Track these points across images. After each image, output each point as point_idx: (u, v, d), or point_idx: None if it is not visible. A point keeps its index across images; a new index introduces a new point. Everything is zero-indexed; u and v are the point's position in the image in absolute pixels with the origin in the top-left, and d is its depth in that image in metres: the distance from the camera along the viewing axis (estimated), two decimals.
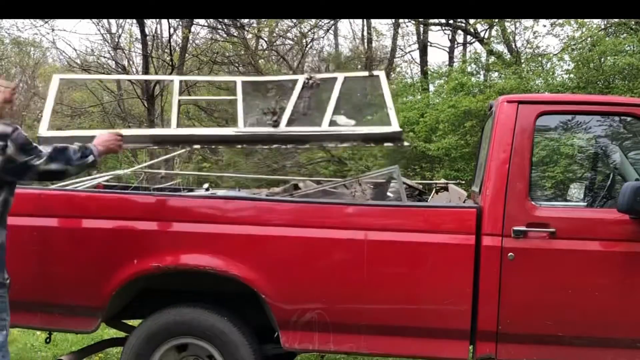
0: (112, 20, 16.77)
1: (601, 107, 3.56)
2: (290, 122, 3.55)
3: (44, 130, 3.63)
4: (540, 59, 11.75)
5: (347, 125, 3.57)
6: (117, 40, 16.42)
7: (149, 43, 15.15)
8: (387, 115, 3.52)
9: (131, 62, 17.79)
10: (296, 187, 4.43)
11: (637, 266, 3.21)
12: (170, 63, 14.72)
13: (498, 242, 3.25)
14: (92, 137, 3.24)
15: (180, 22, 15.30)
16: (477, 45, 16.66)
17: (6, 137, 2.82)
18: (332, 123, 3.55)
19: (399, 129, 3.52)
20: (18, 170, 2.86)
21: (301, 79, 3.78)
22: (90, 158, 3.02)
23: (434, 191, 5.03)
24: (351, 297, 3.31)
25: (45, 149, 2.90)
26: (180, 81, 3.90)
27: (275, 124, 3.54)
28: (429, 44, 18.35)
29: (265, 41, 18.90)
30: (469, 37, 17.57)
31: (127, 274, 3.33)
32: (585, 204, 4.15)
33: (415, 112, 12.66)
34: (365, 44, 19.18)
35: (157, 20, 16.65)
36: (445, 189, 4.99)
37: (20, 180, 2.96)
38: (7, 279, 2.98)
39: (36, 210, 3.46)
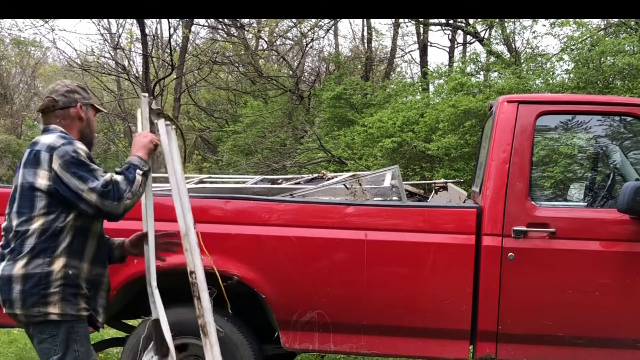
0: (112, 20, 16.79)
1: (601, 107, 3.56)
2: None
3: None
4: (539, 59, 11.74)
5: None
6: (117, 40, 16.42)
7: (149, 43, 15.15)
8: None
9: (131, 62, 17.80)
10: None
11: (637, 266, 3.21)
12: (170, 63, 14.71)
13: (498, 242, 3.25)
14: None
15: (180, 22, 15.31)
16: (477, 45, 16.69)
17: (53, 149, 2.48)
18: None
19: None
20: (64, 191, 2.45)
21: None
22: (139, 172, 2.56)
23: (433, 192, 5.03)
24: (351, 297, 3.31)
25: (105, 185, 2.45)
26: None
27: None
28: (429, 44, 18.36)
29: (265, 41, 18.91)
30: (468, 37, 17.58)
31: (127, 274, 3.34)
32: (586, 204, 4.15)
33: (415, 112, 12.64)
34: (365, 44, 19.18)
35: (157, 20, 16.68)
36: (445, 188, 4.99)
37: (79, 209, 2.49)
38: (82, 313, 2.56)
39: None
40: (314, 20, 15.84)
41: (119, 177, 2.52)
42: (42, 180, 2.48)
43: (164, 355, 2.73)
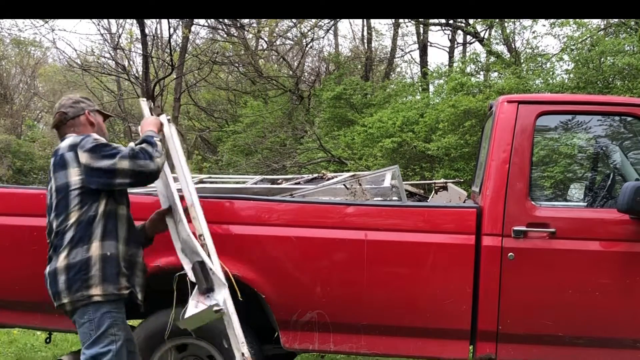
0: (112, 20, 16.78)
1: (601, 107, 3.56)
2: None
3: None
4: (539, 59, 11.74)
5: None
6: (117, 40, 16.41)
7: (149, 43, 15.14)
8: None
9: (131, 62, 17.80)
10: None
11: (637, 266, 3.21)
12: (170, 63, 14.71)
13: (498, 242, 3.25)
14: None
15: (180, 22, 15.30)
16: (477, 45, 16.69)
17: (75, 146, 2.74)
18: None
19: None
20: (99, 176, 2.68)
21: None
22: (156, 139, 2.83)
23: (433, 192, 5.03)
24: (351, 297, 3.31)
25: (130, 151, 2.72)
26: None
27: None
28: (429, 44, 18.36)
29: (265, 41, 18.91)
30: (468, 37, 17.58)
31: None
32: (585, 204, 4.15)
33: (415, 112, 12.64)
34: (365, 44, 19.18)
35: (157, 20, 16.66)
36: (445, 188, 4.99)
37: (113, 188, 2.74)
38: (123, 291, 2.77)
39: (35, 210, 3.46)
40: (314, 20, 15.83)
41: (142, 144, 2.77)
42: (74, 177, 2.71)
43: (209, 290, 2.82)
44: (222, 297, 2.78)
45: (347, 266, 3.30)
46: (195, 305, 2.73)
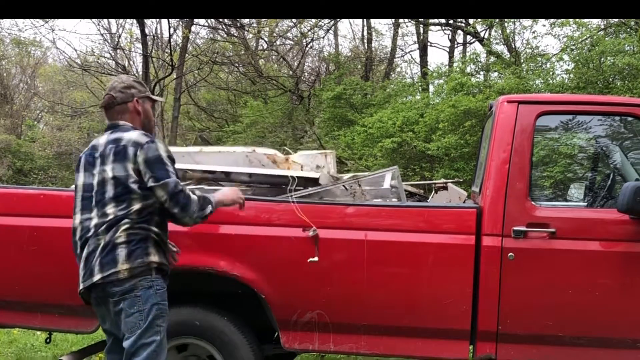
0: (112, 20, 16.78)
1: (601, 107, 3.56)
2: None
3: None
4: (539, 59, 11.74)
5: None
6: (117, 40, 16.42)
7: (149, 43, 15.14)
8: None
9: (131, 62, 17.79)
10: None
11: (637, 266, 3.21)
12: (170, 63, 14.71)
13: (498, 242, 3.25)
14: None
15: (180, 22, 15.30)
16: (477, 45, 16.69)
17: (138, 146, 2.77)
18: None
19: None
20: (145, 186, 2.77)
21: None
22: (208, 209, 2.87)
23: (433, 192, 5.03)
24: (351, 298, 3.31)
25: (176, 186, 2.77)
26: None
27: None
28: (429, 44, 18.35)
29: (265, 41, 18.91)
30: (468, 37, 17.58)
31: None
32: (586, 204, 4.14)
33: (415, 112, 12.63)
34: (365, 44, 19.18)
35: (157, 20, 16.67)
36: (445, 188, 4.98)
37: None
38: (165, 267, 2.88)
39: (35, 210, 3.46)
40: (314, 20, 15.83)
41: (193, 197, 2.83)
42: (132, 172, 2.77)
43: None
44: None
45: (347, 266, 3.30)
46: None
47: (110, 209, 2.77)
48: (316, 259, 3.24)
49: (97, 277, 2.74)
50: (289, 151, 4.74)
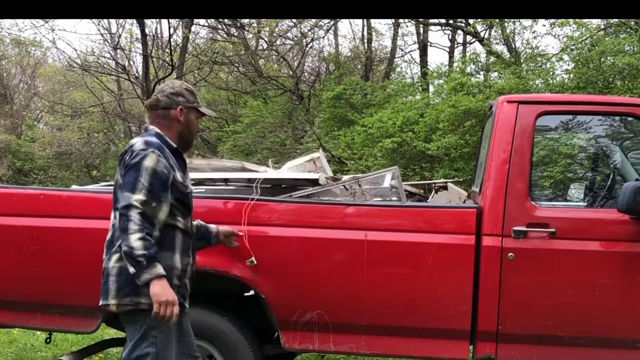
0: (112, 20, 16.77)
1: (601, 107, 3.56)
2: None
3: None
4: (539, 59, 11.74)
5: None
6: (117, 40, 16.41)
7: (149, 43, 15.14)
8: None
9: (131, 62, 17.79)
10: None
11: (637, 266, 3.21)
12: (170, 63, 14.70)
13: (498, 242, 3.25)
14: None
15: (180, 22, 15.29)
16: (477, 45, 16.69)
17: (132, 150, 2.64)
18: None
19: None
20: (118, 195, 2.63)
21: None
22: (142, 277, 2.51)
23: (433, 192, 5.03)
24: (351, 298, 3.31)
25: (129, 205, 2.53)
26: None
27: None
28: (429, 44, 18.36)
29: (265, 41, 18.90)
30: (468, 37, 17.58)
31: None
32: (586, 204, 4.15)
33: (415, 112, 12.63)
34: (365, 44, 19.18)
35: (157, 20, 16.66)
36: (445, 188, 4.98)
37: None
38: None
39: (35, 210, 3.47)
40: (314, 20, 15.83)
41: (137, 233, 2.52)
42: (118, 177, 2.68)
43: None
44: None
45: (347, 266, 3.30)
46: None
47: (112, 216, 2.72)
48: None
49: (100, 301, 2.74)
50: (274, 165, 4.75)
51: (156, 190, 2.60)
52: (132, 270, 2.51)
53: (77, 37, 42.01)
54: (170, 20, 14.79)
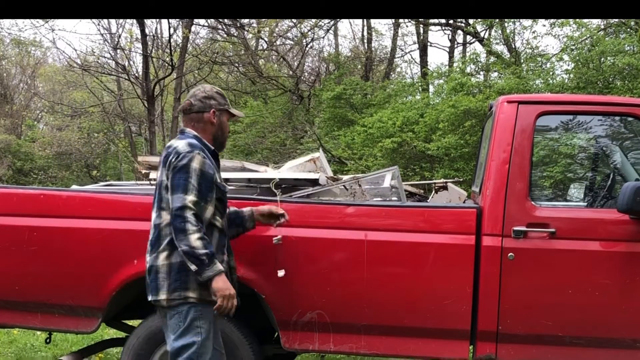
0: (112, 20, 16.76)
1: (601, 107, 3.56)
2: None
3: None
4: (539, 59, 11.74)
5: None
6: (117, 40, 16.40)
7: (149, 43, 15.13)
8: None
9: (131, 62, 17.78)
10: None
11: (637, 266, 3.21)
12: (170, 63, 14.70)
13: (498, 242, 3.25)
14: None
15: (180, 22, 15.28)
16: (477, 45, 16.69)
17: (177, 152, 2.79)
18: None
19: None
20: (164, 195, 2.81)
21: None
22: (205, 274, 2.70)
23: (433, 192, 5.02)
24: (351, 298, 3.31)
25: (183, 207, 2.69)
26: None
27: None
28: (429, 44, 18.36)
29: (265, 41, 18.90)
30: (468, 37, 17.58)
31: (127, 275, 3.33)
32: (586, 204, 4.15)
33: (415, 112, 12.63)
34: (365, 44, 19.18)
35: (157, 20, 16.65)
36: (445, 188, 4.98)
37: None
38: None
39: (35, 210, 3.46)
40: (314, 20, 15.83)
41: (195, 234, 2.68)
42: (164, 178, 2.82)
43: None
44: None
45: (347, 266, 3.30)
46: None
47: (155, 215, 2.87)
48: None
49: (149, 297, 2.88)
50: (275, 166, 4.75)
51: (204, 190, 2.77)
52: (193, 267, 2.68)
53: (77, 37, 42.07)
54: (170, 20, 14.78)
